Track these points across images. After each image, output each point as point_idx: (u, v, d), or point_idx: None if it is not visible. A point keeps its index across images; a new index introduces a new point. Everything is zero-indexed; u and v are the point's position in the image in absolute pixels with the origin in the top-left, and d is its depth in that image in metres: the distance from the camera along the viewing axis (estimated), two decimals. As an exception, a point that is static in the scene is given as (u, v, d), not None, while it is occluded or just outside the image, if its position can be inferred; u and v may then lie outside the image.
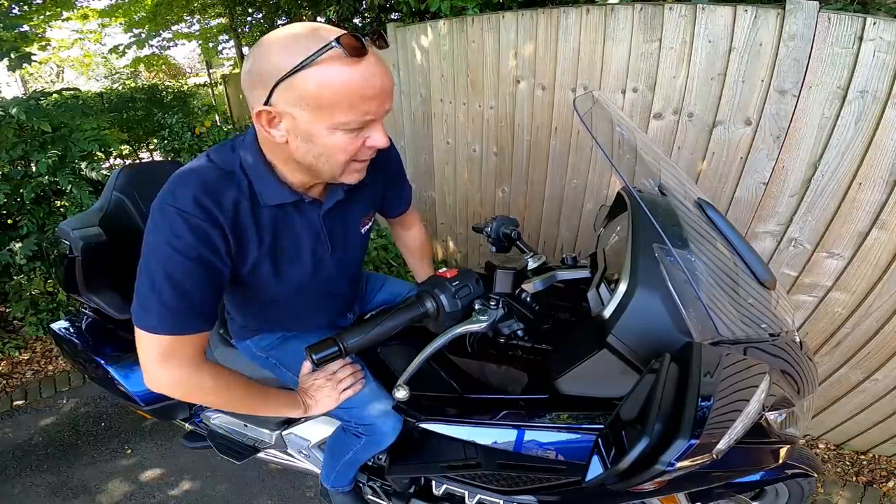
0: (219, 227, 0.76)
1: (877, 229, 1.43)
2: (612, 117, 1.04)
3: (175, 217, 0.73)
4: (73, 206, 2.55)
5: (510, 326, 0.95)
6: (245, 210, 0.80)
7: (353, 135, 0.73)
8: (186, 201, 0.73)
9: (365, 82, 0.67)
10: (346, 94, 0.67)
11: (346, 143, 0.73)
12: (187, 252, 0.73)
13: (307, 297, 1.04)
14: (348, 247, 1.02)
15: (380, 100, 0.70)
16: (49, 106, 2.78)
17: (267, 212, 0.83)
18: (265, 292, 0.96)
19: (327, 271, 0.99)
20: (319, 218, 0.91)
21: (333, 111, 0.68)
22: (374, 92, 0.68)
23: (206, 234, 0.74)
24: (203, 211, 0.74)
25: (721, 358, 0.66)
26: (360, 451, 1.13)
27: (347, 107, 0.68)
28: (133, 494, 1.82)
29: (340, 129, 0.70)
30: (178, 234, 0.73)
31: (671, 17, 1.60)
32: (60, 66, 10.74)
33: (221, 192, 0.77)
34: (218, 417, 1.44)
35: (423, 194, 3.00)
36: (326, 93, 0.66)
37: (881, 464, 1.80)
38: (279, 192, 0.82)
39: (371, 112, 0.70)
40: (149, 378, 0.80)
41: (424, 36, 2.47)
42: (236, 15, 6.47)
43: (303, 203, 0.87)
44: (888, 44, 1.27)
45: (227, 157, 0.81)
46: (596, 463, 0.66)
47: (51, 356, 2.65)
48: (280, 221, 0.86)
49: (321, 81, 0.66)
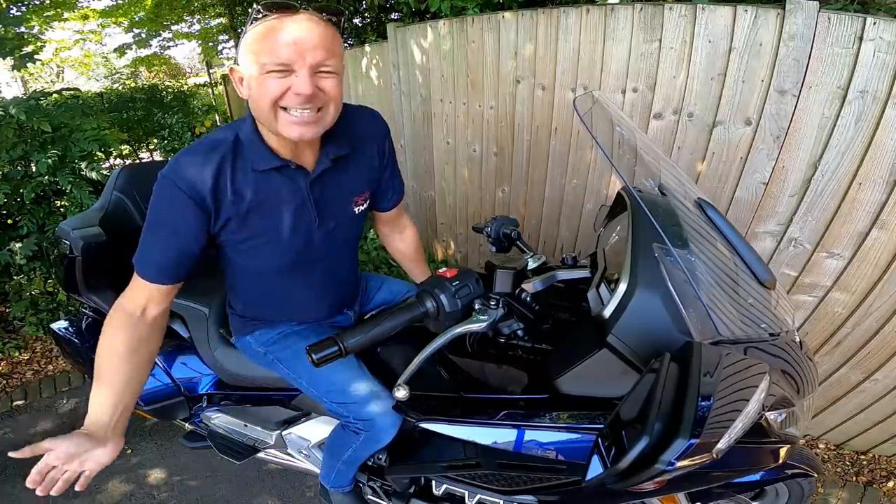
0: (195, 193, 0.86)
1: (877, 229, 1.43)
2: (612, 117, 1.04)
3: (161, 186, 0.87)
4: (73, 206, 2.55)
5: (510, 326, 0.95)
6: (226, 174, 0.89)
7: (278, 80, 0.80)
8: (172, 172, 0.86)
9: (284, 31, 0.78)
10: (267, 39, 0.78)
11: (271, 86, 0.80)
12: (165, 216, 0.88)
13: (299, 275, 1.04)
14: (339, 222, 1.03)
15: (294, 48, 0.78)
16: (49, 106, 2.78)
17: (253, 175, 0.91)
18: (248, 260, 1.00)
19: (317, 244, 1.01)
20: (306, 186, 0.95)
21: (259, 53, 0.79)
22: (290, 39, 0.78)
23: (181, 202, 0.86)
24: (183, 180, 0.86)
25: (721, 358, 0.66)
26: (359, 448, 1.13)
27: (269, 49, 0.78)
28: (133, 494, 1.82)
29: (266, 70, 0.79)
30: (161, 201, 0.88)
31: (671, 17, 1.60)
32: (60, 67, 10.74)
33: (205, 159, 0.88)
34: (218, 417, 1.44)
35: (423, 194, 3.00)
36: (254, 42, 0.80)
37: (881, 464, 1.80)
38: (267, 158, 0.91)
39: (286, 57, 0.78)
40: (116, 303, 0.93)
41: (424, 36, 2.47)
42: (236, 15, 6.46)
43: (289, 169, 0.93)
44: (888, 44, 1.27)
45: (224, 130, 0.93)
46: (596, 463, 0.66)
47: (51, 356, 2.65)
48: (263, 184, 0.92)
49: (255, 33, 0.80)
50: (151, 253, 0.90)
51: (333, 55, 0.82)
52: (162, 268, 0.90)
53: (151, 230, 0.89)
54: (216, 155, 0.88)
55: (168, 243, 0.89)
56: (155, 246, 0.90)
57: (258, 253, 0.98)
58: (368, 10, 4.06)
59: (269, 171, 0.91)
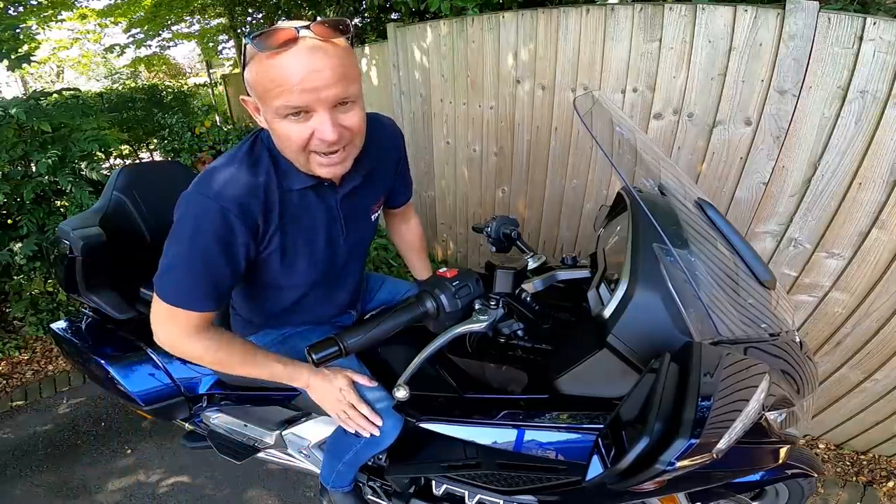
0: (245, 215, 0.80)
1: (877, 229, 1.43)
2: (612, 117, 1.04)
3: (203, 208, 0.78)
4: (73, 206, 2.54)
5: (510, 326, 0.96)
6: (274, 193, 0.85)
7: (298, 124, 0.74)
8: (217, 192, 0.79)
9: (290, 70, 0.69)
10: (273, 81, 0.71)
11: (292, 131, 0.75)
12: (210, 242, 0.79)
13: (318, 285, 1.04)
14: (359, 233, 1.04)
15: (310, 88, 0.70)
16: (49, 106, 2.78)
17: (293, 195, 0.88)
18: (280, 280, 0.98)
19: (341, 258, 1.02)
20: (337, 202, 0.94)
21: (268, 98, 0.73)
22: (298, 78, 0.69)
23: (230, 225, 0.79)
24: (233, 201, 0.79)
25: (721, 358, 0.66)
26: (360, 450, 1.13)
27: (277, 94, 0.71)
28: (133, 494, 1.82)
29: (283, 115, 0.73)
30: (204, 225, 0.78)
31: (671, 17, 1.60)
32: (60, 66, 10.74)
33: (252, 179, 0.82)
34: (218, 417, 1.44)
35: (423, 194, 3.00)
36: (259, 82, 0.73)
37: (881, 464, 1.80)
38: (300, 177, 0.87)
39: (304, 101, 0.71)
40: (154, 334, 0.88)
41: (424, 36, 2.47)
42: (236, 15, 6.46)
43: (322, 187, 0.91)
44: (888, 44, 1.27)
45: (254, 146, 0.87)
46: (596, 463, 0.66)
47: (51, 356, 2.65)
48: (299, 203, 0.89)
49: (256, 73, 0.73)
50: (196, 281, 0.81)
51: (351, 82, 0.74)
52: (210, 295, 0.83)
53: (190, 262, 0.80)
54: (261, 173, 0.83)
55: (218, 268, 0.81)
56: (200, 274, 0.81)
57: (291, 270, 0.95)
58: (368, 11, 4.06)
59: (304, 189, 0.88)
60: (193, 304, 0.83)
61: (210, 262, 0.80)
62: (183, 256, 0.80)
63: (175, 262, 0.81)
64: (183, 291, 0.82)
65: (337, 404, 1.01)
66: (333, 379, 1.01)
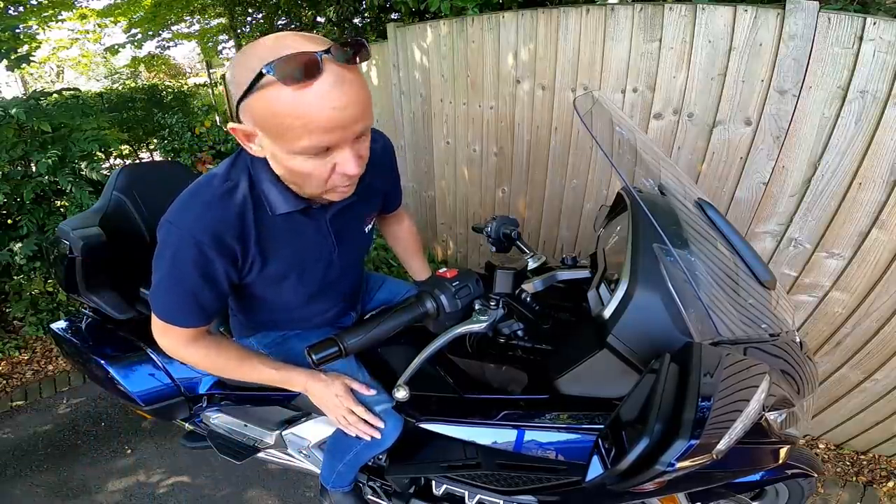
0: (220, 245, 0.78)
1: (877, 229, 1.43)
2: (612, 117, 1.04)
3: (179, 238, 0.77)
4: (73, 206, 2.54)
5: (510, 326, 0.96)
6: (250, 221, 0.81)
7: (319, 160, 0.69)
8: (190, 223, 0.76)
9: (316, 108, 0.61)
10: (296, 122, 0.62)
11: (313, 168, 0.70)
12: (189, 269, 0.79)
13: (314, 298, 1.04)
14: (353, 246, 1.03)
15: (336, 127, 0.64)
16: (49, 106, 2.78)
17: (275, 220, 0.84)
18: (273, 295, 0.98)
19: (335, 272, 1.01)
20: (327, 221, 0.93)
21: (287, 138, 0.65)
22: (326, 117, 0.62)
23: (206, 255, 0.78)
24: (206, 233, 0.76)
25: (721, 358, 0.66)
26: (360, 451, 1.13)
27: (300, 134, 0.64)
28: (133, 494, 1.82)
29: (301, 155, 0.68)
30: (181, 254, 0.77)
31: (671, 17, 1.60)
32: (60, 66, 10.73)
33: (225, 208, 0.79)
34: (218, 417, 1.44)
35: (423, 194, 3.00)
36: (275, 120, 0.63)
37: (881, 464, 1.80)
38: (287, 201, 0.83)
39: (330, 140, 0.66)
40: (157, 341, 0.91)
41: (424, 36, 2.47)
42: (236, 15, 6.46)
43: (310, 209, 0.88)
44: (888, 44, 1.27)
45: (231, 171, 0.82)
46: (596, 463, 0.66)
47: (51, 356, 2.65)
48: (287, 229, 0.87)
49: (269, 108, 0.63)
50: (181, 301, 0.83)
51: (371, 111, 0.70)
52: (197, 314, 0.85)
53: (174, 285, 0.81)
54: (235, 202, 0.80)
55: (201, 293, 0.82)
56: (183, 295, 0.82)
57: (281, 289, 0.95)
58: (368, 10, 4.06)
59: (291, 213, 0.85)
60: (182, 321, 0.85)
61: (192, 288, 0.81)
62: (166, 280, 0.81)
63: (160, 283, 0.82)
64: (172, 310, 0.84)
65: (336, 409, 1.01)
66: (331, 384, 1.01)
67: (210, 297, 0.84)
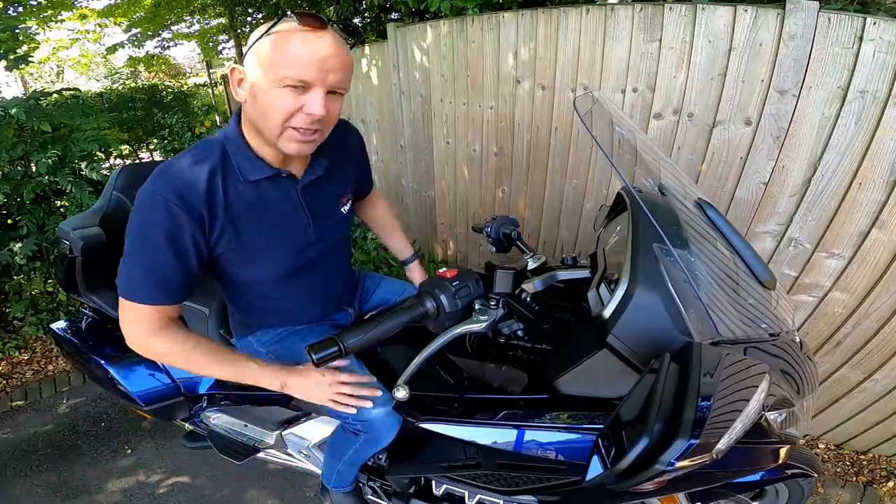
0: (190, 207, 0.83)
1: (877, 229, 1.43)
2: (612, 117, 1.04)
3: (149, 200, 0.82)
4: (73, 206, 2.55)
5: (510, 326, 0.95)
6: (218, 186, 0.87)
7: (292, 96, 0.79)
8: (160, 186, 0.82)
9: (308, 48, 0.77)
10: (289, 53, 0.77)
11: (284, 100, 0.79)
12: (156, 234, 0.81)
13: (297, 279, 1.04)
14: (330, 223, 1.05)
15: (319, 66, 0.77)
16: (49, 106, 2.78)
17: (244, 186, 0.90)
18: (250, 275, 0.98)
19: (311, 246, 1.02)
20: (298, 193, 0.97)
21: (278, 67, 0.77)
22: (314, 57, 0.77)
23: (174, 218, 0.82)
24: (175, 192, 0.81)
25: (721, 358, 0.66)
26: (359, 449, 1.13)
27: (292, 64, 0.77)
28: (133, 494, 1.82)
29: (284, 84, 0.78)
30: (150, 216, 0.82)
31: (671, 17, 1.60)
32: (60, 66, 10.73)
33: (196, 173, 0.85)
34: (218, 417, 1.44)
35: (423, 194, 3.00)
36: (275, 51, 0.78)
37: (881, 464, 1.80)
38: (256, 167, 0.90)
39: (309, 75, 0.77)
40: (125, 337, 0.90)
41: (424, 36, 2.47)
42: (236, 15, 6.47)
43: (280, 178, 0.93)
44: (888, 44, 1.27)
45: (208, 142, 0.91)
46: (596, 463, 0.66)
47: (51, 356, 2.65)
48: (255, 194, 0.91)
49: (275, 43, 0.78)
50: (147, 273, 0.83)
51: (349, 76, 0.83)
52: (159, 286, 0.84)
53: (141, 252, 0.82)
54: (205, 166, 0.86)
55: (166, 259, 0.83)
56: (150, 265, 0.83)
57: (256, 263, 0.96)
58: (368, 10, 4.06)
59: (260, 180, 0.91)
60: (144, 295, 0.84)
61: (158, 253, 0.82)
62: (133, 247, 0.83)
63: (127, 253, 0.84)
64: (133, 282, 0.84)
65: (323, 393, 1.00)
66: (308, 374, 1.00)
67: (177, 269, 0.84)
